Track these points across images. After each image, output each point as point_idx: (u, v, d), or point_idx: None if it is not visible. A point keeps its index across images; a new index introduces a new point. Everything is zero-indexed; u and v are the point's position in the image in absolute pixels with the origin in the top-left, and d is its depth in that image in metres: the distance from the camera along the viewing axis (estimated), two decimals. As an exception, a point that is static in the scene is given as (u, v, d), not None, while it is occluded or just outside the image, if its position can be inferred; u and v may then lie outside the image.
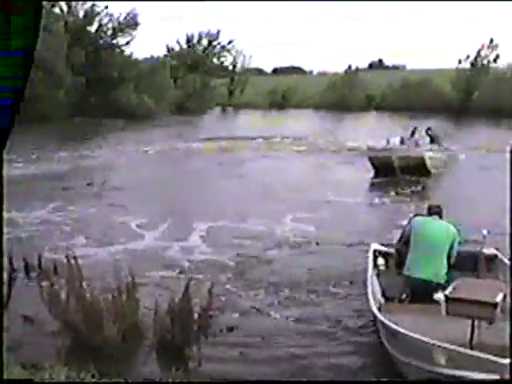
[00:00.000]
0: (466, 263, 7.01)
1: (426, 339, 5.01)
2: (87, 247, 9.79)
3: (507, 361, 4.55)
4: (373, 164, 17.57)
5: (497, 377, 4.59)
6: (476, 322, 5.20)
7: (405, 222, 7.77)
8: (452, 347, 4.87)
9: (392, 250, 7.64)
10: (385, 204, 13.87)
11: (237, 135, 26.91)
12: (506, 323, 5.29)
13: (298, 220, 11.82)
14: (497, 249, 7.72)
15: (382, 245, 8.28)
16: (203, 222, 11.34)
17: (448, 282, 6.20)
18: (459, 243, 6.62)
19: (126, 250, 9.63)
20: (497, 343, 5.15)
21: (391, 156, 16.95)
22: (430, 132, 19.70)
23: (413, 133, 18.89)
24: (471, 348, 5.07)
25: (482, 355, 4.70)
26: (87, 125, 32.08)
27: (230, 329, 6.82)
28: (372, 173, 17.46)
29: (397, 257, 7.29)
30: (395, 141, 18.61)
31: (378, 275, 7.38)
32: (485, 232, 7.20)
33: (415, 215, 7.27)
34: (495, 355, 4.65)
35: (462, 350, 4.86)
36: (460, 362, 4.81)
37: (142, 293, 6.70)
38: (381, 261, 7.79)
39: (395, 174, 16.62)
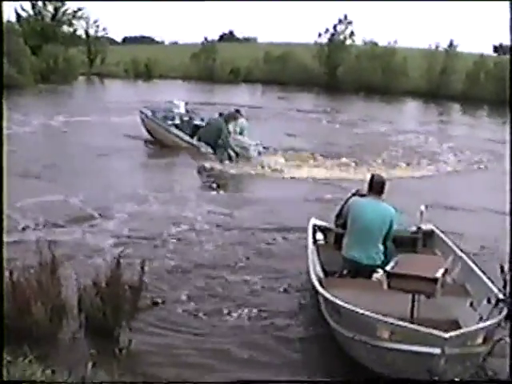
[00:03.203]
0: (405, 241, 7.26)
1: (369, 314, 5.13)
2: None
3: (448, 334, 4.73)
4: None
5: (438, 351, 4.76)
6: (416, 297, 5.39)
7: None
8: (394, 321, 5.02)
9: (331, 226, 7.76)
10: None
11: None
12: (446, 298, 5.53)
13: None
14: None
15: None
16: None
17: (387, 263, 6.41)
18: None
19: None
20: (437, 317, 5.43)
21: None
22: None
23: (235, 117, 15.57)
24: (412, 322, 5.26)
25: (424, 329, 4.87)
26: None
27: (155, 303, 6.77)
28: None
29: (335, 233, 7.42)
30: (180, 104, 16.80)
31: (317, 250, 7.43)
32: (422, 208, 7.48)
33: (354, 194, 7.21)
34: (436, 329, 4.82)
35: (405, 324, 5.02)
36: (403, 336, 4.96)
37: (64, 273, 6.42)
38: (319, 236, 7.86)
39: None
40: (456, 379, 4.88)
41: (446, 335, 4.72)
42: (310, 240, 7.54)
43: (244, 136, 15.27)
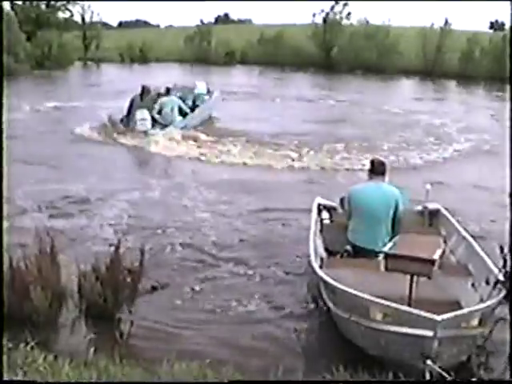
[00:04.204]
0: (411, 220, 7.19)
1: (362, 295, 5.08)
2: None
3: (440, 317, 4.66)
4: None
5: (430, 333, 4.70)
6: (415, 278, 5.32)
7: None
8: (386, 303, 4.95)
9: (336, 205, 7.65)
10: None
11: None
12: (448, 279, 5.53)
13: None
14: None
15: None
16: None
17: None
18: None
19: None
20: (438, 298, 5.38)
21: None
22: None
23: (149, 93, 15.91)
24: (409, 303, 5.23)
25: (416, 311, 4.82)
26: None
27: (154, 288, 6.77)
28: None
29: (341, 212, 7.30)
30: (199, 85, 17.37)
31: (321, 230, 7.37)
32: (428, 187, 7.44)
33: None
34: (434, 310, 4.75)
35: (397, 306, 4.94)
36: (396, 318, 4.90)
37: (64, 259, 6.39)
38: (325, 215, 7.79)
39: None
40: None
41: (438, 318, 4.65)
42: (314, 220, 7.38)
43: (168, 113, 15.41)
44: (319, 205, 7.92)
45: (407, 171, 12.32)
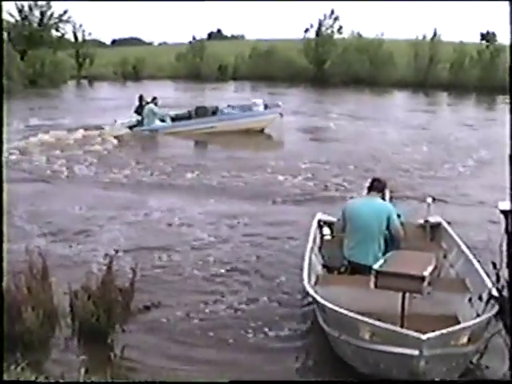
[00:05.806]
0: (412, 234, 7.13)
1: (351, 314, 5.02)
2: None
3: (426, 336, 4.58)
4: None
5: (416, 352, 4.63)
6: (407, 295, 5.25)
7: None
8: (373, 322, 4.87)
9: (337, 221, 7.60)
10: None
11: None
12: (445, 293, 5.50)
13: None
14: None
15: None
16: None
17: None
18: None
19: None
20: (435, 313, 5.35)
21: None
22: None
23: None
24: (402, 320, 5.17)
25: (402, 330, 4.78)
26: None
27: (147, 307, 6.71)
28: None
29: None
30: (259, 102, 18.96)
31: (320, 246, 7.30)
32: (429, 200, 7.39)
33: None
34: (429, 326, 4.70)
35: (384, 325, 4.85)
36: (384, 337, 4.82)
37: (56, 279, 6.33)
38: (326, 230, 7.71)
39: None
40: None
41: (424, 337, 4.58)
42: (312, 236, 7.31)
43: (143, 116, 18.56)
44: (320, 221, 7.85)
45: (418, 187, 12.13)
